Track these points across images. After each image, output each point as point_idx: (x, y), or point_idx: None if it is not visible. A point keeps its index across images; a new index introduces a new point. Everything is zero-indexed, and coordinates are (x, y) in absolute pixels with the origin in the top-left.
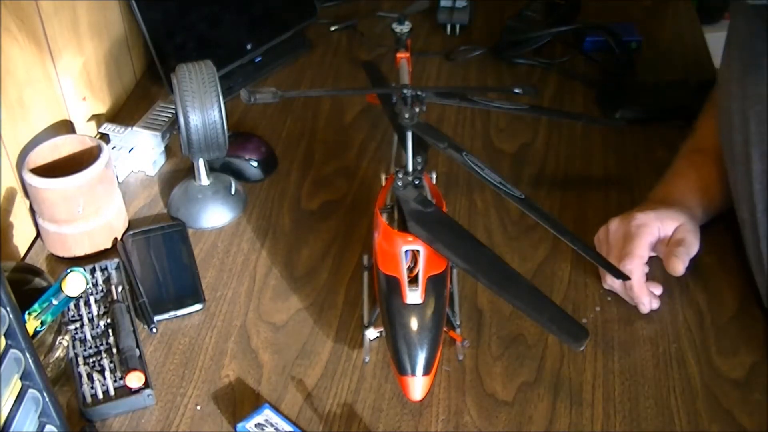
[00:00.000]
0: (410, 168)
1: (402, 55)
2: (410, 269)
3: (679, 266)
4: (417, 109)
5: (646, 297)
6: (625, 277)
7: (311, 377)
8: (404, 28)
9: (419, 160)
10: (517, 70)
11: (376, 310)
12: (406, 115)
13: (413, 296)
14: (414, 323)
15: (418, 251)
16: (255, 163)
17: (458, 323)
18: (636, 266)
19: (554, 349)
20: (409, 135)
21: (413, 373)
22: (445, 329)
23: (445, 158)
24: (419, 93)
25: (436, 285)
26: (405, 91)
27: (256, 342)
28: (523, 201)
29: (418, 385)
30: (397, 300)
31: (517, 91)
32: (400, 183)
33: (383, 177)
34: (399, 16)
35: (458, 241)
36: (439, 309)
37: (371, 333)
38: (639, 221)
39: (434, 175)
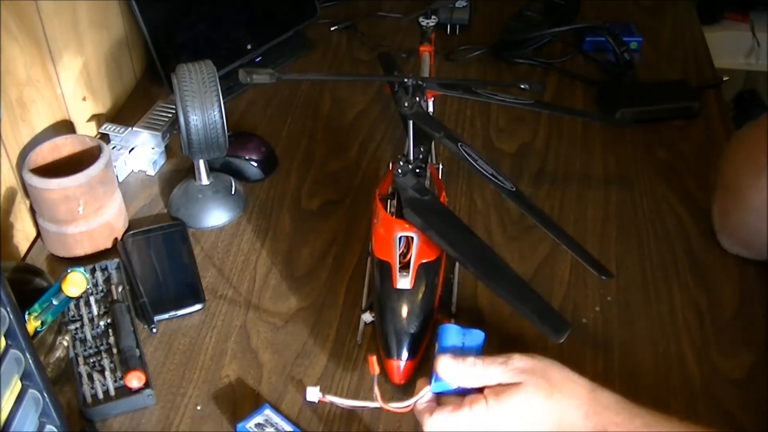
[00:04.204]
0: (411, 156)
1: (425, 49)
2: (404, 255)
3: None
4: (417, 98)
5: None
6: (610, 275)
7: (311, 377)
8: (431, 21)
9: (421, 149)
10: (517, 69)
11: None
12: (405, 104)
13: (403, 282)
14: (403, 308)
15: (411, 238)
16: (255, 163)
17: (454, 312)
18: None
19: (554, 349)
20: (411, 123)
21: (398, 357)
22: (439, 316)
23: (444, 156)
24: (420, 83)
25: (428, 272)
26: (406, 80)
27: (256, 342)
28: (513, 193)
29: (402, 369)
30: (388, 284)
31: (523, 86)
32: (400, 171)
33: (390, 164)
34: (427, 9)
35: (451, 230)
36: (429, 295)
37: (367, 317)
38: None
39: (440, 167)
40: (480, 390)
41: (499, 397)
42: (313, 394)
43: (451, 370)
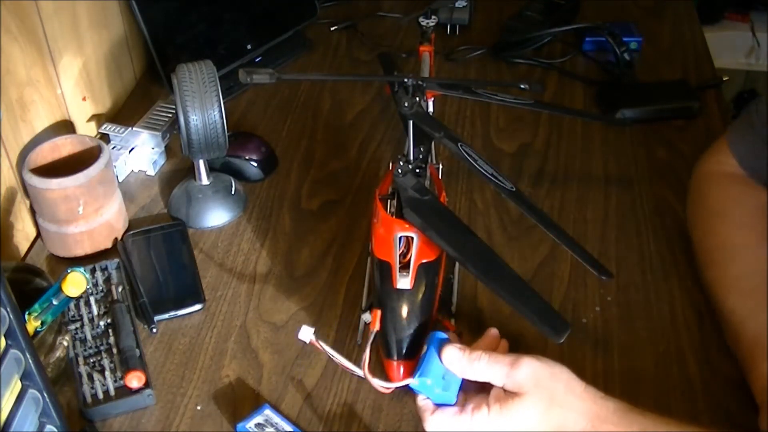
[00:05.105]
0: (411, 156)
1: (425, 49)
2: (404, 255)
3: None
4: (417, 98)
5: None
6: (609, 275)
7: (311, 377)
8: (431, 21)
9: (421, 149)
10: (517, 69)
11: None
12: (405, 104)
13: (403, 282)
14: (403, 308)
15: (412, 238)
16: (255, 163)
17: (454, 312)
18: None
19: (554, 349)
20: (411, 123)
21: (398, 357)
22: (439, 317)
23: (444, 156)
24: (420, 83)
25: (428, 272)
26: (406, 80)
27: (256, 342)
28: (513, 193)
29: (402, 369)
30: (388, 284)
31: (523, 86)
32: (400, 171)
33: (390, 164)
34: (427, 9)
35: (450, 230)
36: (428, 296)
37: (367, 317)
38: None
39: (440, 167)
40: (483, 391)
41: (501, 408)
42: (306, 333)
43: (455, 360)
